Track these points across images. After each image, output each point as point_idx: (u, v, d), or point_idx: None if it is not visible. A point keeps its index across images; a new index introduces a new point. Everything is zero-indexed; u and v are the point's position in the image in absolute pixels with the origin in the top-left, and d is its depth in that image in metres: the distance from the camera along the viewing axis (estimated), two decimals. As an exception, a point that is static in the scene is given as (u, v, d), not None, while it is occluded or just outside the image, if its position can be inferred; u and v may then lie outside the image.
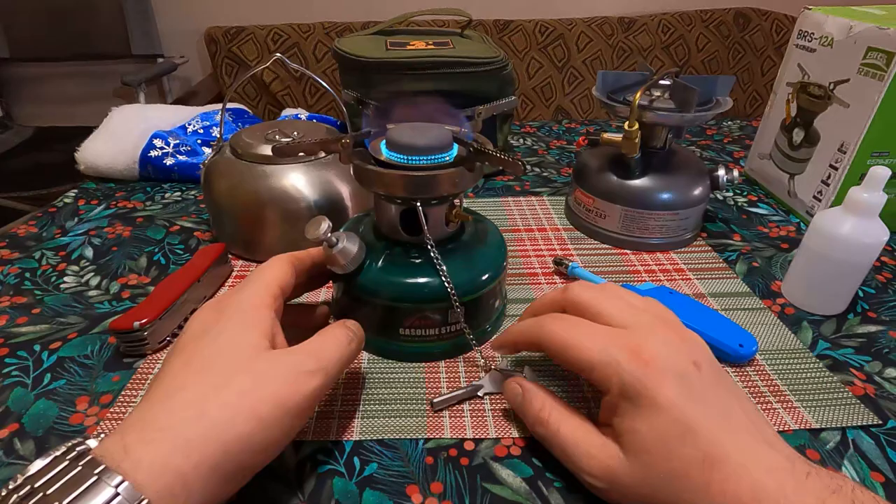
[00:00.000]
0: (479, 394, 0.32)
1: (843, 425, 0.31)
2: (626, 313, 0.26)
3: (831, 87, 0.48)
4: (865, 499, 0.21)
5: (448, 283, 0.32)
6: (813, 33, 0.51)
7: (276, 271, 0.29)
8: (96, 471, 0.18)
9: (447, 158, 0.32)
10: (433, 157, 0.31)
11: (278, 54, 0.44)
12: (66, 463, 0.19)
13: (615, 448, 0.24)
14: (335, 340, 0.27)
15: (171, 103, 1.30)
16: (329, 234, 0.31)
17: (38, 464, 0.19)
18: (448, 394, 0.32)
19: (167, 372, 0.23)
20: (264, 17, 1.48)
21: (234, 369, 0.23)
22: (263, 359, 0.24)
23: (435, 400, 0.31)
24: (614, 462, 0.24)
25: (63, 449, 0.20)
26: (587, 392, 0.33)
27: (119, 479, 0.18)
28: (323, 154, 0.45)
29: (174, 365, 0.24)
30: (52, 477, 0.18)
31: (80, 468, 0.19)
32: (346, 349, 0.27)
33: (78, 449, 0.20)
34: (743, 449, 0.22)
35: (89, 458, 0.19)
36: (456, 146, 0.33)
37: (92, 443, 0.20)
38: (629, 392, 0.23)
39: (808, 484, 0.21)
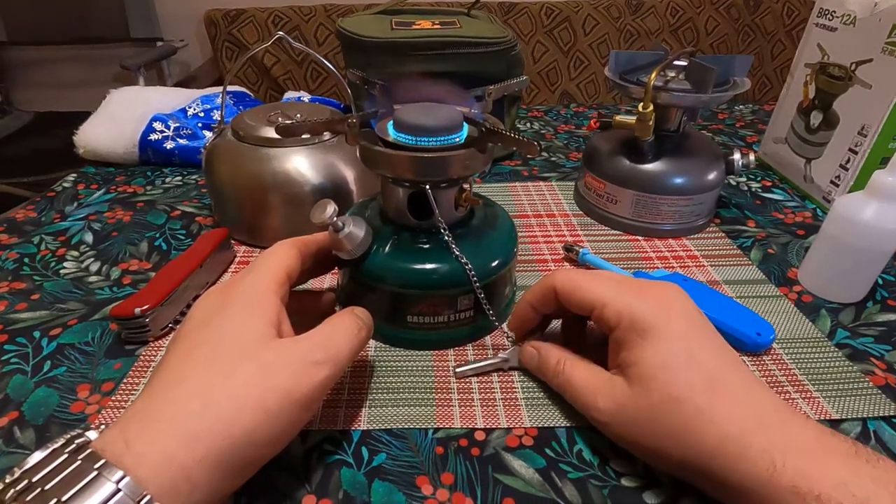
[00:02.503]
0: (505, 367, 0.32)
1: (864, 416, 0.30)
2: (632, 278, 0.29)
3: (853, 67, 0.47)
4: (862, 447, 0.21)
5: (467, 265, 0.31)
6: (834, 11, 0.49)
7: (282, 257, 0.28)
8: (96, 465, 0.18)
9: (458, 139, 0.30)
10: (443, 138, 0.30)
11: (281, 33, 0.42)
12: (65, 456, 0.18)
13: (621, 381, 0.25)
14: (344, 329, 0.26)
15: (170, 87, 1.28)
16: (335, 219, 0.29)
17: (37, 456, 0.18)
18: (473, 363, 0.31)
19: (170, 361, 0.23)
20: (265, -1, 1.45)
21: (240, 359, 0.22)
22: (270, 348, 0.23)
23: (458, 369, 0.31)
24: (620, 393, 0.25)
25: (62, 441, 0.19)
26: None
27: (120, 474, 0.18)
28: (328, 135, 0.43)
29: (178, 353, 0.23)
30: (50, 471, 0.18)
31: (79, 462, 0.18)
32: (356, 338, 0.26)
33: (77, 441, 0.19)
34: (746, 383, 0.24)
35: (89, 451, 0.18)
36: (466, 127, 0.32)
37: (92, 434, 0.20)
38: (638, 324, 0.25)
39: (810, 422, 0.23)
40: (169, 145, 0.58)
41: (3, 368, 0.32)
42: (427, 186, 0.30)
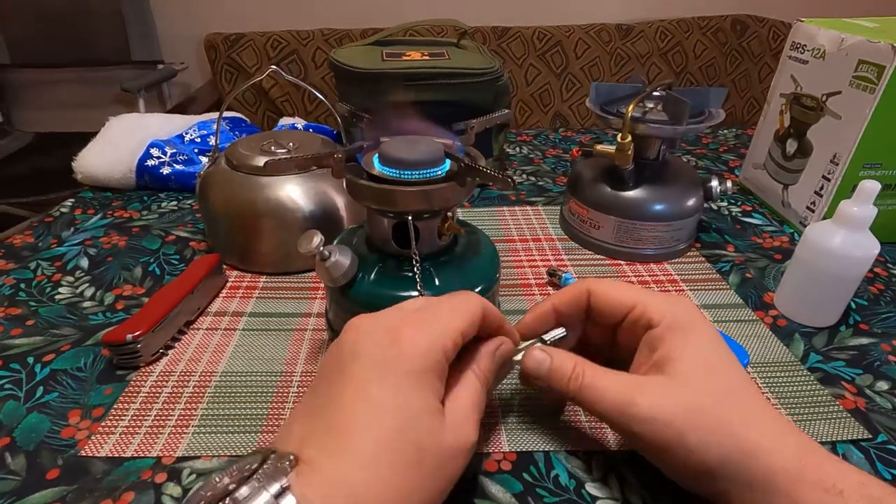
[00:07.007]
0: None
1: (834, 439, 0.31)
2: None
3: (824, 98, 0.49)
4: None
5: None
6: (805, 45, 0.51)
7: (468, 316, 0.25)
8: None
9: (439, 173, 0.32)
10: (425, 172, 0.31)
11: (273, 66, 0.44)
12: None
13: (659, 378, 0.25)
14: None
15: (170, 109, 1.31)
16: (321, 248, 0.31)
17: (244, 492, 0.19)
18: None
19: (339, 394, 0.22)
20: (264, 23, 1.48)
21: (409, 460, 0.21)
22: (436, 457, 0.22)
23: None
24: (660, 390, 0.25)
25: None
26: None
27: None
28: (315, 168, 0.45)
29: (346, 389, 0.22)
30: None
31: None
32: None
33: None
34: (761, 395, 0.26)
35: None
36: (448, 160, 0.33)
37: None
38: (679, 322, 0.26)
39: (813, 442, 0.25)
40: (165, 171, 0.59)
41: (-3, 394, 0.33)
42: (409, 217, 0.32)
